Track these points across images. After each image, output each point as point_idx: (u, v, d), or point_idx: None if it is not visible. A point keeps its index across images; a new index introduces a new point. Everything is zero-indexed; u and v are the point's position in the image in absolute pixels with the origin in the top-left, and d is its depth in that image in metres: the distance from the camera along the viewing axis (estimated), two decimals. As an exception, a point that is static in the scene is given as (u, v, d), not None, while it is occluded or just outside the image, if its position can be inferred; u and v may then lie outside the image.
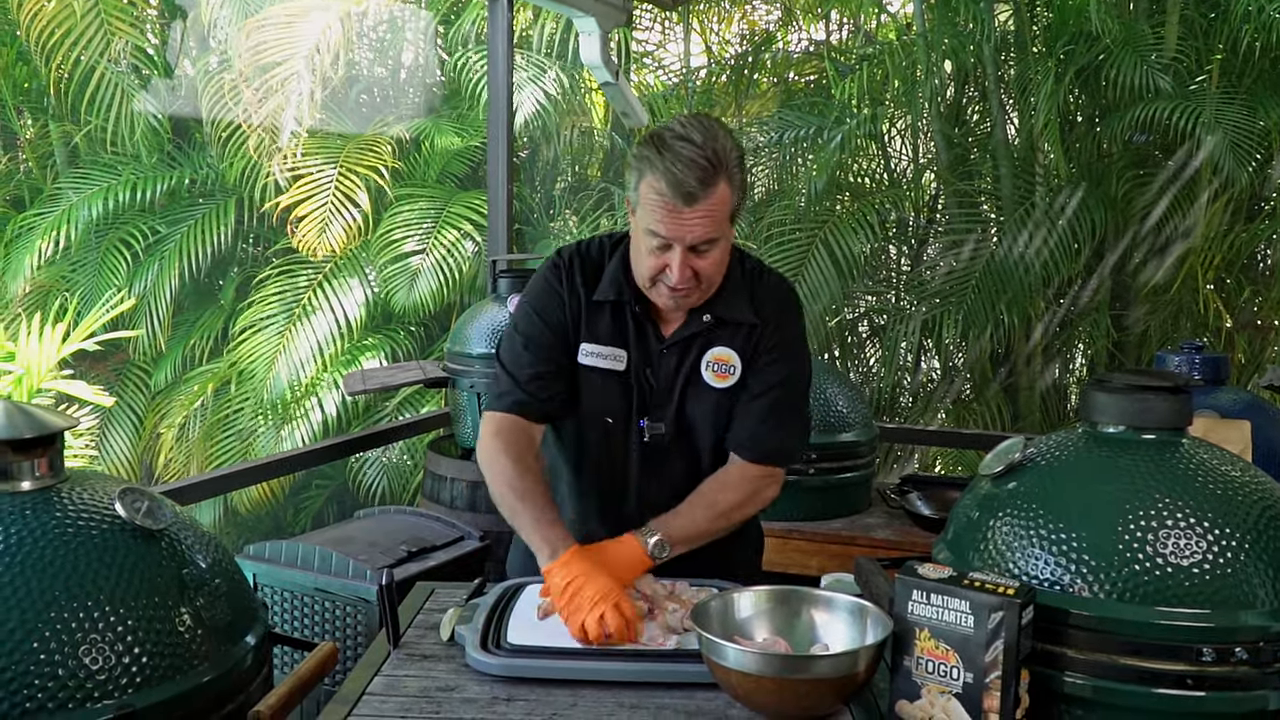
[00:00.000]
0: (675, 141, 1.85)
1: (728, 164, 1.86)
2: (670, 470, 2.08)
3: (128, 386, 8.39)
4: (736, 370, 2.05)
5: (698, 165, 1.82)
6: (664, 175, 1.83)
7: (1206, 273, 6.80)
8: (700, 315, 2.03)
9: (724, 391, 2.05)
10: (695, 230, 1.86)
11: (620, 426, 2.07)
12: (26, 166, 9.07)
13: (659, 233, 1.87)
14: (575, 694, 1.62)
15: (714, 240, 1.90)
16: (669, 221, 1.86)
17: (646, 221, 1.89)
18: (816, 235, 7.07)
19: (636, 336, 2.05)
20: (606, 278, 2.05)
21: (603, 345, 2.05)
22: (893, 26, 8.64)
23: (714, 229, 1.88)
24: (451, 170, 8.39)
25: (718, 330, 2.05)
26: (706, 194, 1.84)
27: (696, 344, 2.05)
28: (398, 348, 8.11)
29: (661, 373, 2.05)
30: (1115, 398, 1.66)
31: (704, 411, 2.06)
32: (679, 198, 1.83)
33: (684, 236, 1.87)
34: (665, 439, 2.06)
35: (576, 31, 4.37)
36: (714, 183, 1.84)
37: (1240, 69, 6.79)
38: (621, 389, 2.06)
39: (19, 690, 1.34)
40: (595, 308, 2.05)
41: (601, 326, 2.05)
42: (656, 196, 1.85)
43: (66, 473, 1.61)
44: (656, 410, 2.06)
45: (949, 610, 1.45)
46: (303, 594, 2.86)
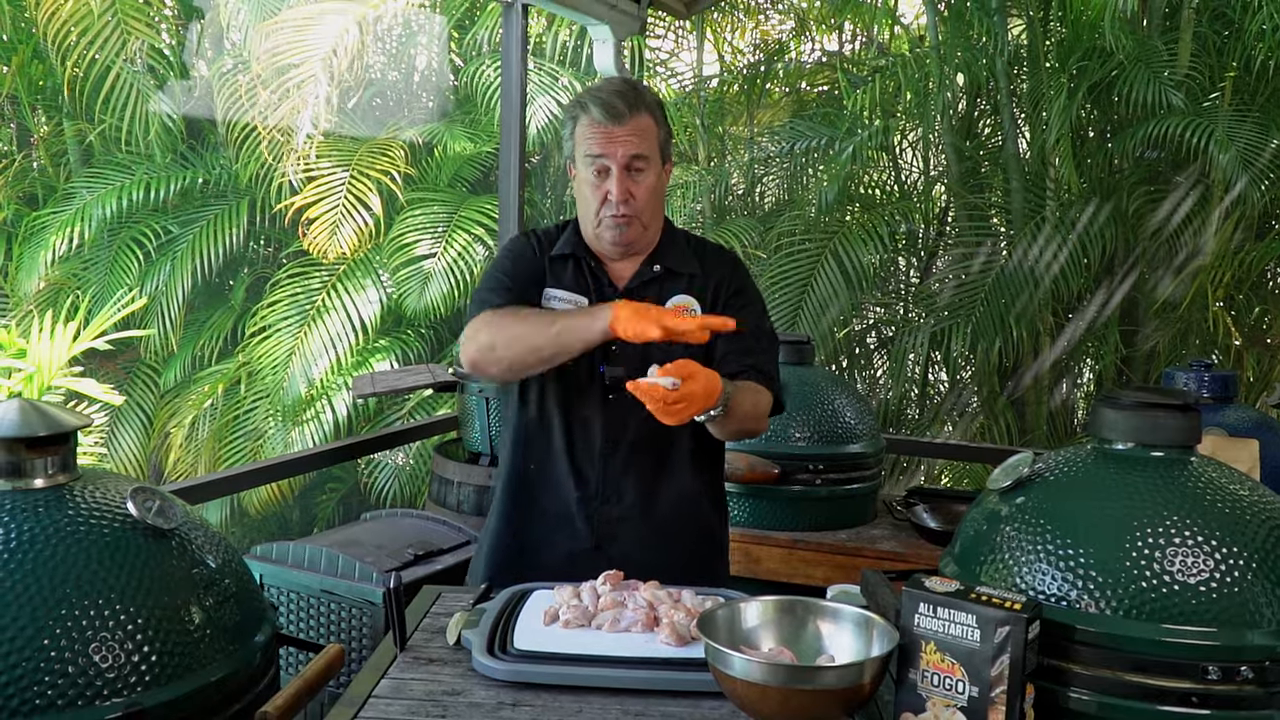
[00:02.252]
0: (598, 86, 2.15)
1: (648, 101, 2.12)
2: (635, 415, 2.09)
3: (137, 385, 8.42)
4: (698, 314, 2.17)
5: (621, 94, 2.10)
6: (593, 103, 2.08)
7: (1216, 290, 6.79)
8: (650, 266, 2.21)
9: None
10: (626, 145, 2.08)
11: (582, 371, 2.15)
12: (40, 164, 9.10)
13: (595, 153, 2.09)
14: (581, 700, 1.62)
15: (646, 160, 2.11)
16: (604, 141, 2.08)
17: (585, 150, 2.11)
18: (826, 246, 7.07)
19: (594, 287, 2.20)
20: (563, 238, 2.24)
21: (565, 291, 2.19)
22: (906, 39, 8.65)
23: (643, 146, 2.09)
24: (463, 175, 8.42)
25: (669, 279, 2.21)
26: (633, 115, 2.08)
27: (654, 291, 2.19)
28: (408, 350, 8.12)
29: None
30: (1125, 414, 1.66)
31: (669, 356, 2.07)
32: (610, 118, 2.07)
33: (617, 152, 2.08)
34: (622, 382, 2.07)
35: (590, 39, 4.38)
36: (637, 108, 2.09)
37: (1253, 87, 6.79)
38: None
39: (29, 687, 1.35)
40: (555, 261, 2.22)
41: (564, 277, 2.21)
42: (590, 127, 2.09)
43: (78, 471, 1.62)
44: (614, 356, 2.14)
45: (955, 624, 1.45)
46: (309, 595, 2.87)
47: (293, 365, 7.59)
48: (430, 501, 3.89)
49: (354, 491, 8.21)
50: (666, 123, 2.18)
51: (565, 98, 7.86)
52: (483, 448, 3.77)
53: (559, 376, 2.16)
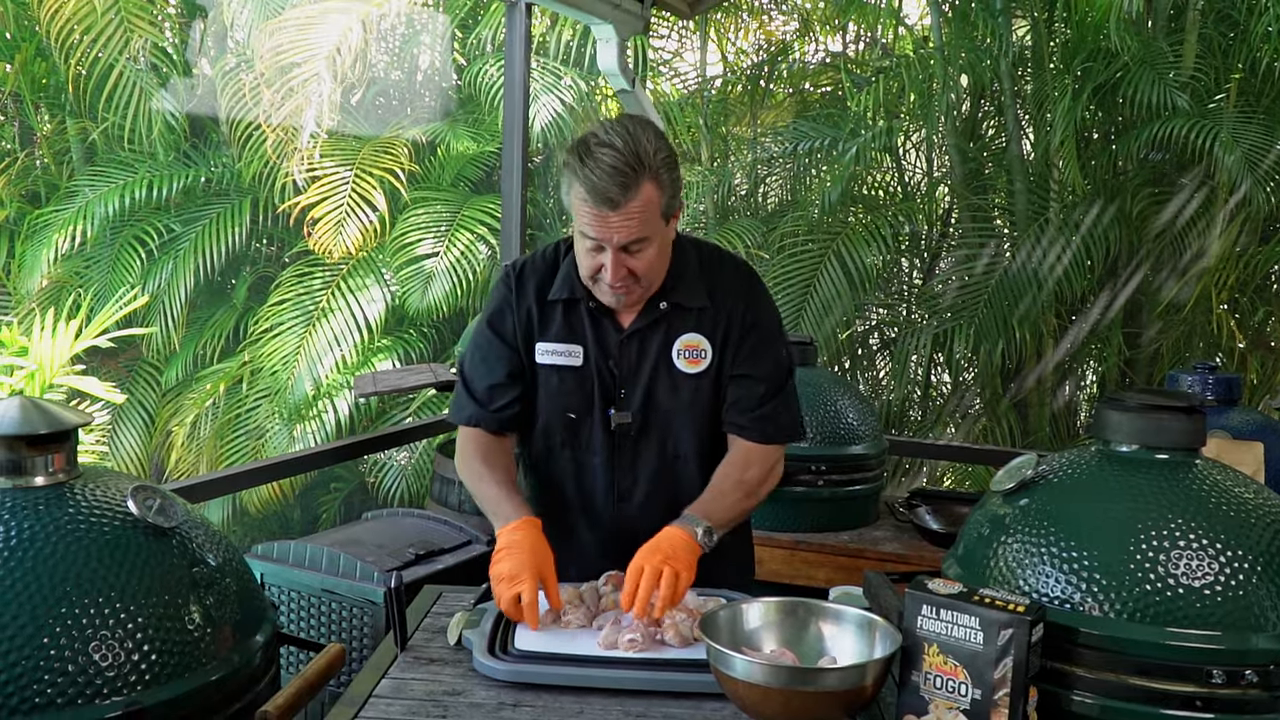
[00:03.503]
0: (597, 149, 1.88)
1: (652, 166, 1.89)
2: (641, 461, 2.11)
3: (139, 383, 8.42)
4: (707, 355, 2.08)
5: (619, 172, 1.86)
6: (584, 183, 1.88)
7: (1220, 293, 6.78)
8: (658, 303, 2.07)
9: (697, 377, 2.09)
10: (622, 232, 1.90)
11: (584, 421, 2.10)
12: (43, 162, 9.10)
13: (588, 234, 1.93)
14: (582, 701, 1.62)
15: (644, 240, 1.93)
16: (597, 225, 1.90)
17: (578, 225, 1.95)
18: (829, 247, 7.06)
19: (594, 331, 2.09)
20: (559, 277, 2.10)
21: (558, 343, 2.10)
22: (910, 40, 8.65)
23: (641, 230, 1.91)
24: (466, 175, 8.41)
25: (679, 316, 2.09)
26: (629, 198, 1.87)
27: (660, 331, 2.08)
28: (411, 350, 8.12)
29: (624, 363, 2.08)
30: (1129, 417, 1.66)
31: (678, 399, 2.09)
32: (602, 204, 1.87)
33: (611, 238, 1.91)
34: (632, 429, 2.09)
35: (594, 39, 4.38)
36: (636, 186, 1.87)
37: (1259, 89, 6.79)
38: (580, 383, 2.09)
39: (29, 685, 1.34)
40: (550, 307, 2.10)
41: (556, 325, 2.10)
42: (581, 203, 1.90)
43: (79, 469, 1.62)
44: (622, 400, 2.09)
45: (958, 626, 1.45)
46: (310, 594, 2.87)
47: (298, 365, 7.59)
48: (432, 501, 3.88)
49: (359, 491, 8.21)
50: (674, 175, 1.96)
51: (569, 97, 7.86)
52: (484, 447, 3.76)
53: (567, 424, 2.11)
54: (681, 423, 2.10)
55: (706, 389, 2.09)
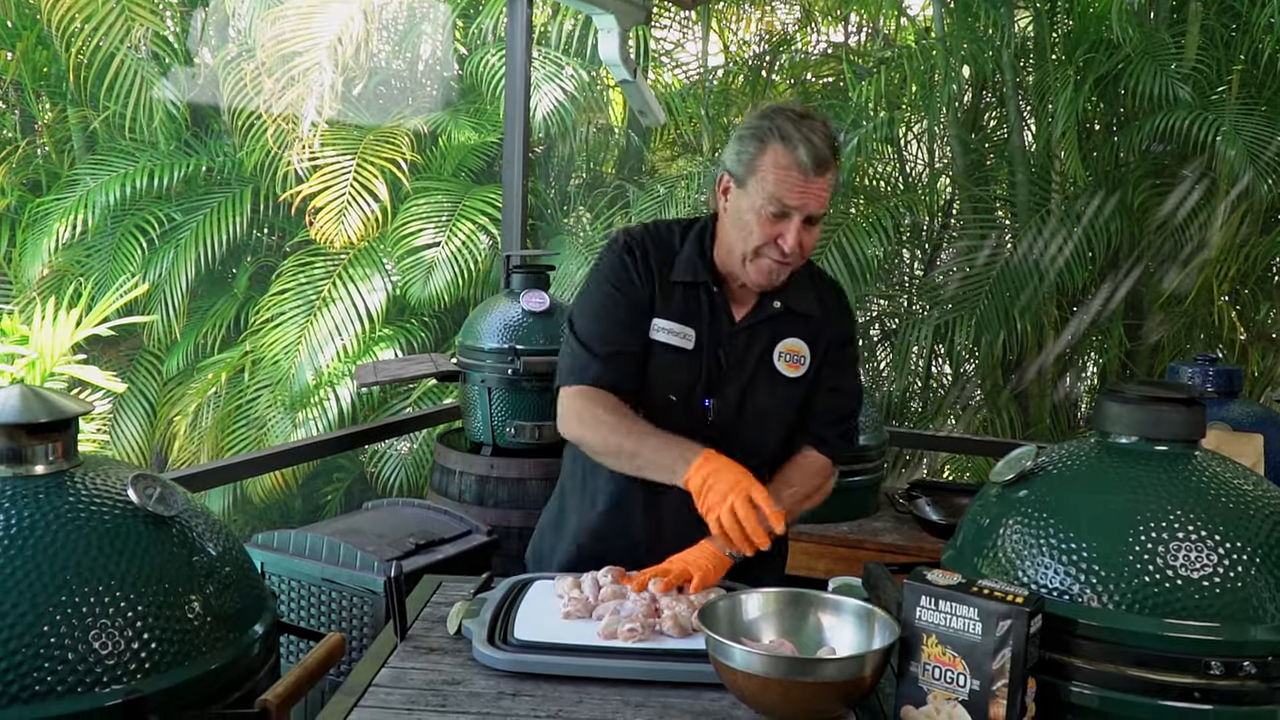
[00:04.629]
0: (803, 120, 1.95)
1: (838, 149, 2.00)
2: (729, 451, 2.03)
3: (140, 373, 8.42)
4: (806, 361, 2.12)
5: (828, 140, 1.95)
6: (803, 144, 1.92)
7: (1222, 284, 6.77)
8: (771, 302, 2.09)
9: (795, 382, 2.11)
10: (817, 200, 1.95)
11: (683, 405, 2.08)
12: (44, 151, 9.09)
13: (786, 200, 1.93)
14: (581, 691, 1.62)
15: (822, 216, 2.00)
16: (798, 189, 1.93)
17: (768, 190, 1.94)
18: (831, 238, 7.06)
19: (710, 317, 2.08)
20: (682, 260, 2.09)
21: (675, 323, 2.07)
22: (912, 30, 8.63)
23: (827, 203, 1.98)
24: (467, 165, 8.40)
25: (786, 320, 2.11)
26: (831, 168, 1.96)
27: (767, 331, 2.10)
28: (412, 340, 8.12)
29: (733, 354, 2.08)
30: (1129, 408, 1.66)
31: (774, 400, 2.10)
32: (814, 165, 1.92)
33: (808, 204, 1.94)
34: (728, 421, 2.08)
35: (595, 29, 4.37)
36: (833, 163, 1.97)
37: (1261, 80, 6.77)
38: (689, 367, 2.07)
39: (29, 673, 1.34)
40: (670, 287, 2.09)
41: (674, 305, 2.08)
42: (785, 166, 1.93)
43: (80, 458, 1.62)
44: (723, 390, 2.08)
45: (957, 617, 1.45)
46: (310, 584, 2.87)
47: (299, 354, 7.59)
48: (432, 491, 3.89)
49: (359, 481, 8.22)
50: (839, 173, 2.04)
51: (570, 87, 7.85)
52: (484, 438, 3.77)
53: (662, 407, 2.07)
54: (770, 426, 2.11)
55: (799, 396, 2.12)
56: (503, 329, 3.73)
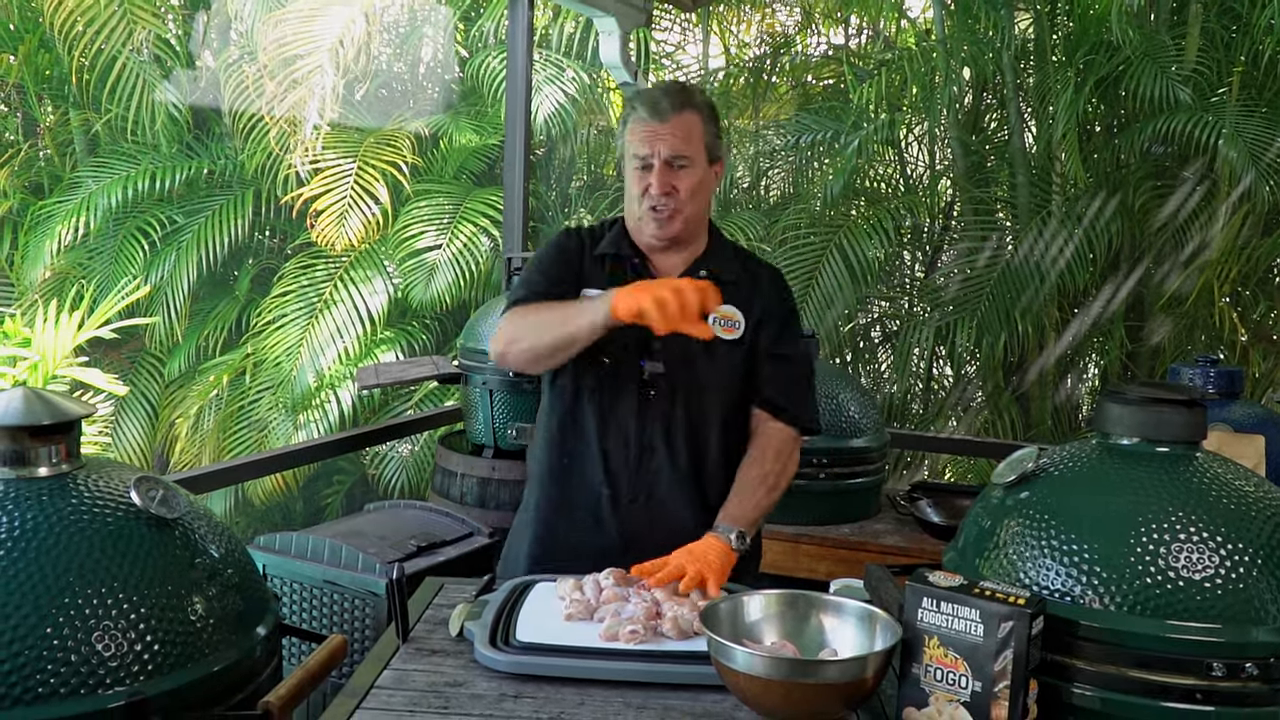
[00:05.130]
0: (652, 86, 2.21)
1: (697, 103, 2.16)
2: (671, 415, 2.17)
3: (142, 375, 8.43)
4: (741, 326, 2.20)
5: (670, 93, 2.15)
6: (640, 101, 2.14)
7: (1223, 286, 6.77)
8: (697, 270, 2.20)
9: (732, 345, 2.20)
10: (668, 142, 2.11)
11: (616, 368, 2.16)
12: (46, 154, 9.10)
13: (639, 152, 2.13)
14: (583, 693, 1.63)
15: (687, 159, 2.13)
16: (647, 138, 2.11)
17: (631, 149, 2.14)
18: (831, 240, 7.05)
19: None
20: (608, 237, 2.26)
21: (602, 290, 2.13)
22: (912, 32, 8.62)
23: (685, 146, 2.12)
24: (468, 167, 8.40)
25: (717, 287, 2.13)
26: (676, 113, 2.12)
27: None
28: (414, 342, 8.12)
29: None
30: (1130, 410, 1.66)
31: (713, 361, 2.18)
32: (653, 115, 2.11)
33: (659, 149, 2.11)
34: (663, 380, 2.16)
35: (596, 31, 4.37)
36: (684, 107, 2.13)
37: (1261, 82, 6.76)
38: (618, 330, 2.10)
39: (32, 675, 1.35)
40: (597, 260, 2.23)
41: (601, 276, 2.21)
42: (637, 124, 2.14)
43: (83, 460, 1.62)
44: (656, 352, 2.16)
45: (959, 618, 1.45)
46: (312, 586, 2.87)
47: (301, 357, 7.59)
48: (433, 493, 3.89)
49: (360, 483, 8.22)
50: (716, 124, 2.20)
51: (571, 89, 7.85)
52: (486, 440, 3.77)
53: (598, 372, 2.16)
54: (711, 383, 2.19)
55: (738, 359, 2.20)
56: (504, 331, 3.72)
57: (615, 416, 2.17)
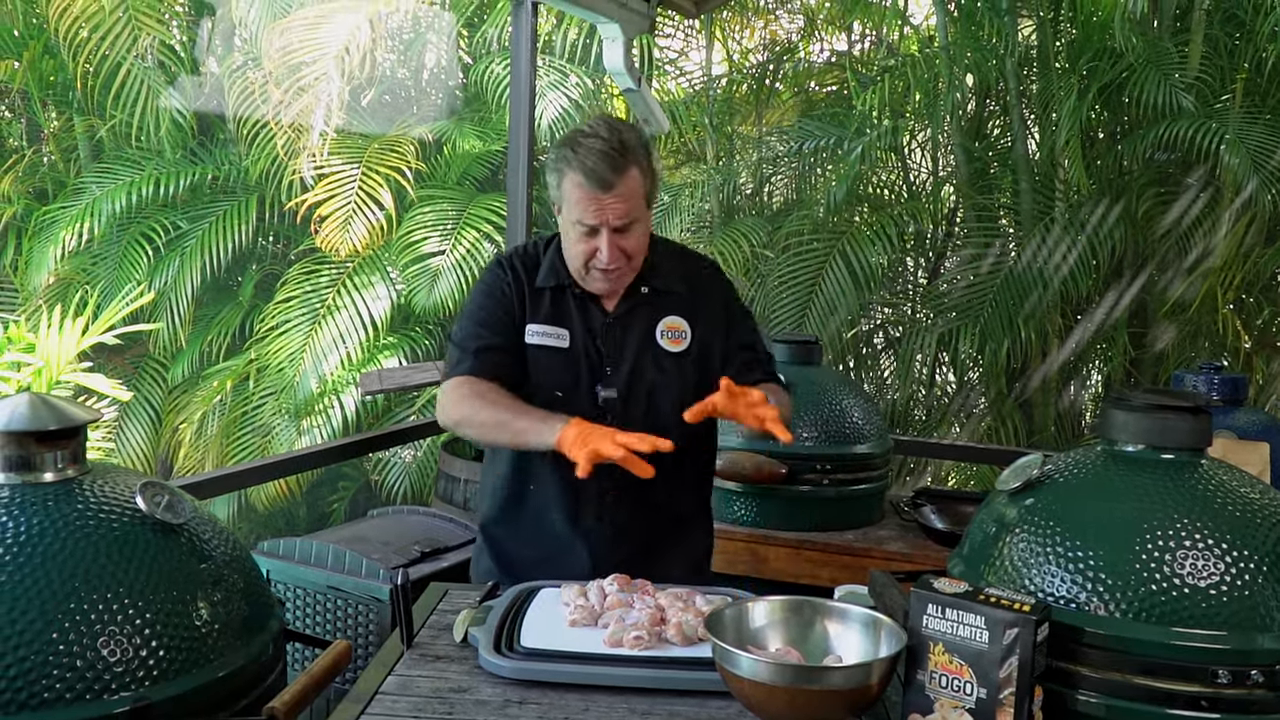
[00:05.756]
0: (585, 140, 2.07)
1: (635, 153, 2.09)
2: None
3: (145, 381, 8.43)
4: (688, 336, 2.24)
5: (609, 156, 2.05)
6: (580, 169, 2.05)
7: (1226, 292, 6.77)
8: (639, 288, 2.23)
9: (680, 355, 2.23)
10: (616, 211, 2.07)
11: (571, 398, 2.18)
12: (51, 159, 9.12)
13: (585, 221, 2.08)
14: (588, 699, 1.62)
15: (635, 220, 2.10)
16: (593, 209, 2.07)
17: (573, 215, 2.10)
18: (834, 246, 7.06)
19: (580, 315, 2.21)
20: (544, 267, 2.24)
21: (546, 325, 2.20)
22: (915, 39, 8.63)
23: (632, 210, 2.09)
24: (472, 173, 8.41)
25: (659, 301, 2.25)
26: (620, 180, 2.06)
27: (643, 314, 2.24)
28: (417, 348, 8.13)
29: (610, 343, 2.21)
30: (1135, 416, 1.66)
31: (663, 375, 2.21)
32: (597, 186, 2.05)
33: (607, 219, 2.07)
34: (617, 402, 2.19)
35: (600, 37, 4.38)
36: (625, 169, 2.07)
37: (1265, 89, 6.77)
38: (567, 363, 2.19)
39: (37, 680, 1.35)
40: (537, 294, 2.22)
41: (544, 309, 2.22)
42: (577, 189, 2.07)
43: (88, 465, 1.63)
44: (609, 378, 2.19)
45: (964, 625, 1.45)
46: (316, 591, 2.87)
47: (304, 362, 7.60)
48: (437, 499, 3.89)
49: (364, 489, 8.22)
50: (651, 164, 2.15)
51: (575, 95, 7.87)
52: (490, 445, 3.77)
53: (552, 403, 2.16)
54: (664, 396, 2.21)
55: (689, 367, 2.23)
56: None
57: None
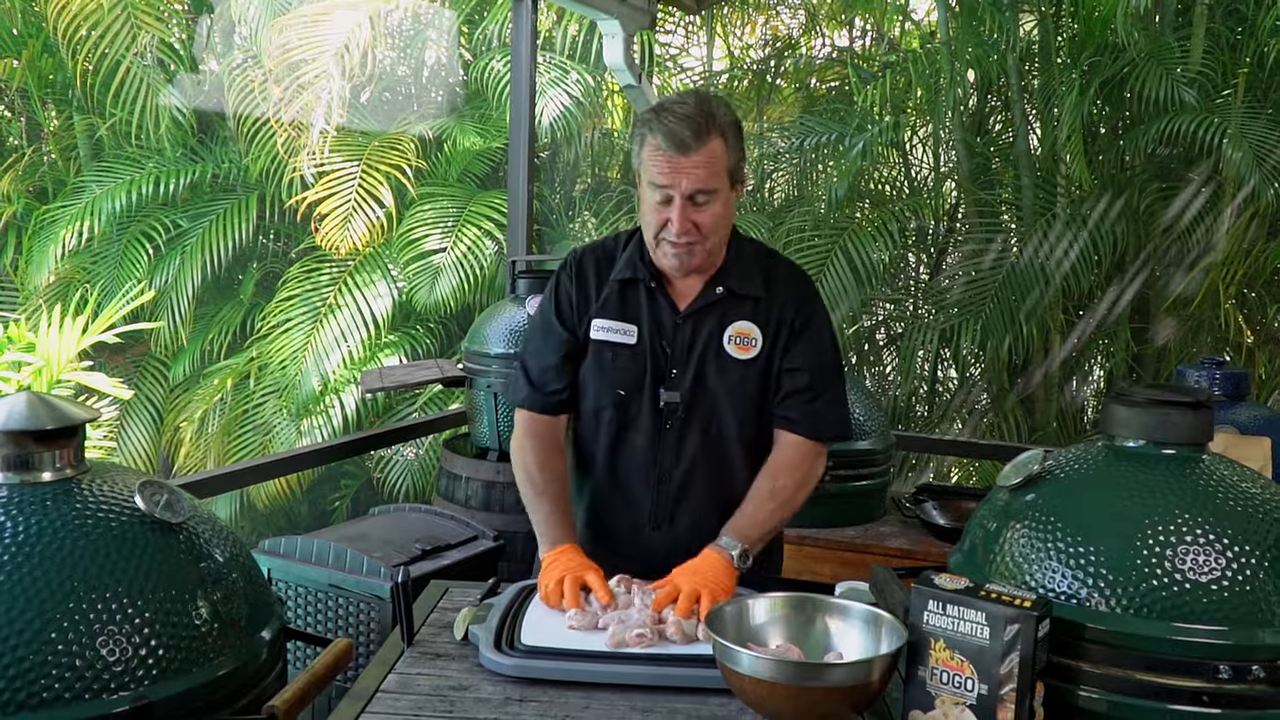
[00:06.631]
0: (671, 105, 2.02)
1: (720, 124, 2.01)
2: (687, 443, 2.14)
3: (146, 379, 8.44)
4: (758, 343, 2.14)
5: (691, 120, 1.98)
6: (660, 130, 1.98)
7: (1228, 288, 6.75)
8: (714, 288, 2.14)
9: (747, 364, 2.14)
10: (691, 177, 1.98)
11: (633, 399, 2.14)
12: (51, 158, 9.12)
13: (658, 183, 2.00)
14: (588, 696, 1.62)
15: (711, 192, 2.01)
16: (667, 171, 1.98)
17: (649, 177, 2.02)
18: (836, 242, 7.05)
19: (650, 311, 2.15)
20: (623, 259, 2.18)
21: (614, 320, 2.15)
22: (916, 34, 8.62)
23: (709, 179, 2.00)
24: (472, 170, 8.42)
25: (732, 304, 2.15)
26: (700, 145, 1.97)
27: (713, 316, 2.14)
28: (418, 346, 8.13)
29: (678, 344, 2.14)
30: (1136, 412, 1.65)
31: (726, 383, 2.13)
32: (674, 148, 1.97)
33: (681, 183, 1.98)
34: (680, 408, 2.13)
35: (600, 34, 4.37)
36: (707, 136, 1.98)
37: (1267, 83, 6.75)
38: (633, 361, 2.14)
39: (36, 680, 1.35)
40: (609, 287, 2.18)
41: (613, 304, 2.16)
42: (655, 152, 1.99)
43: (87, 464, 1.62)
44: (672, 380, 2.13)
45: (965, 621, 1.45)
46: (317, 590, 2.87)
47: (305, 360, 7.60)
48: (438, 497, 3.89)
49: (366, 487, 8.22)
50: (740, 144, 2.07)
51: (575, 92, 7.86)
52: (490, 443, 3.77)
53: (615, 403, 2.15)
54: (726, 406, 2.14)
55: (754, 377, 2.14)
56: (508, 334, 3.73)
57: (633, 444, 2.16)
